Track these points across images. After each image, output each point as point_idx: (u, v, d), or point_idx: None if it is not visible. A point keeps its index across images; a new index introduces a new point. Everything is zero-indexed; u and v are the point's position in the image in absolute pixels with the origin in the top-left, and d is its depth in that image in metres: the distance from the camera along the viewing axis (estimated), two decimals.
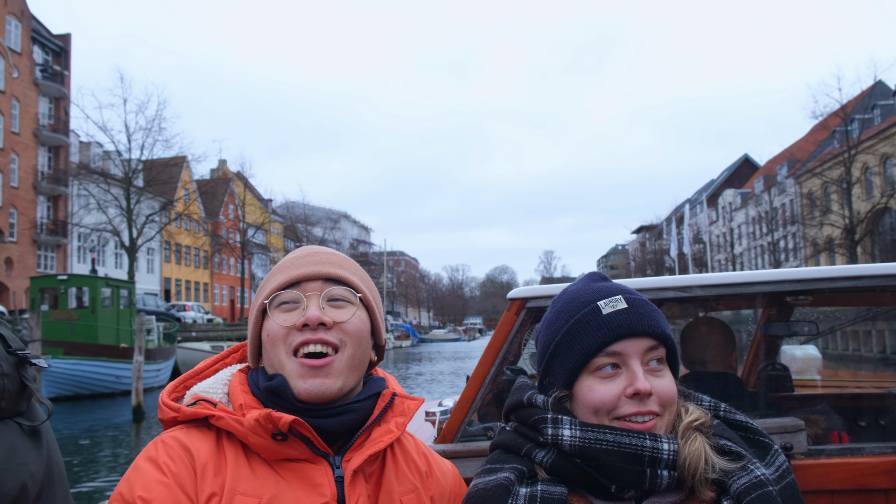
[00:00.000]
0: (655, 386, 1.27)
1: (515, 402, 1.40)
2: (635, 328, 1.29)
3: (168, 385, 1.43)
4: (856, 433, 3.15)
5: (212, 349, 31.56)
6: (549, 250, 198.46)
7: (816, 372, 4.85)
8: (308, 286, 1.36)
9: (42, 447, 1.50)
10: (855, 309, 4.08)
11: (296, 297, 1.35)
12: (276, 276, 1.39)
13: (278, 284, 1.37)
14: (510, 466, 1.31)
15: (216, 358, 1.50)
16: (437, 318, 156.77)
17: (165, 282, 63.64)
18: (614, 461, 1.23)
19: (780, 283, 2.83)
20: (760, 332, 3.90)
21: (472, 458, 2.64)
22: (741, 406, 2.99)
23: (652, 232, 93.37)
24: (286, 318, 1.34)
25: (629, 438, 1.23)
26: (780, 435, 2.50)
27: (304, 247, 1.47)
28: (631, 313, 1.30)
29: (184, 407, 1.33)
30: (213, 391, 1.38)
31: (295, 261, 1.41)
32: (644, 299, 1.35)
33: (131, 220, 38.96)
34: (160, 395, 1.39)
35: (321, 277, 1.37)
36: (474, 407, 2.89)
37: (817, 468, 2.48)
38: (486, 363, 2.90)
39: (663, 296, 2.83)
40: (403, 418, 1.39)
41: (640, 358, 1.28)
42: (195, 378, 1.45)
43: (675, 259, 34.95)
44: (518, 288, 2.98)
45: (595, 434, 1.25)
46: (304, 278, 1.37)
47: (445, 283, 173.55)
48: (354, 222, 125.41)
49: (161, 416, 1.36)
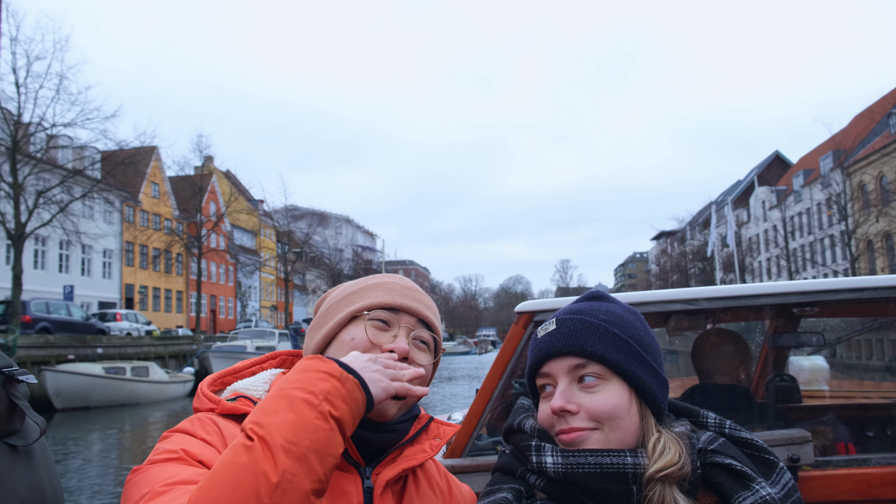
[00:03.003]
0: (583, 402, 1.29)
1: (508, 427, 1.44)
2: (554, 349, 1.33)
3: (207, 377, 1.44)
4: (863, 444, 3.15)
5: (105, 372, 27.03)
6: (566, 259, 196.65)
7: (824, 382, 4.84)
8: (404, 318, 1.42)
9: (35, 468, 1.46)
10: (861, 319, 4.08)
11: (391, 320, 1.41)
12: (377, 293, 1.43)
13: (379, 303, 1.41)
14: (508, 486, 1.33)
15: (255, 360, 1.50)
16: (449, 330, 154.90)
17: (127, 289, 54.79)
18: (599, 482, 1.24)
19: (786, 294, 2.85)
20: (768, 343, 3.92)
21: (481, 473, 2.66)
22: (749, 417, 3.03)
23: (674, 237, 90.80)
24: (377, 335, 1.38)
25: (610, 458, 1.24)
26: (787, 446, 2.51)
27: (401, 276, 1.51)
28: (555, 334, 1.35)
29: (223, 400, 1.32)
30: (255, 389, 1.38)
31: (397, 288, 1.45)
32: (580, 318, 1.36)
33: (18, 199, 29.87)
34: (200, 385, 1.39)
35: (417, 316, 1.43)
36: (483, 421, 2.91)
37: (824, 479, 2.49)
38: (494, 377, 2.93)
39: (670, 308, 2.85)
40: (439, 441, 1.43)
41: (567, 376, 1.32)
42: (234, 375, 1.45)
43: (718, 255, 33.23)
44: (525, 301, 3.01)
45: (576, 458, 1.26)
46: (403, 309, 1.42)
47: (458, 294, 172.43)
48: (358, 228, 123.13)
49: (198, 404, 1.36)
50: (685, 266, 75.37)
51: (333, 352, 1.39)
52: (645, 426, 1.31)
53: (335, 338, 1.40)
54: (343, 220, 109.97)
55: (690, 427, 1.35)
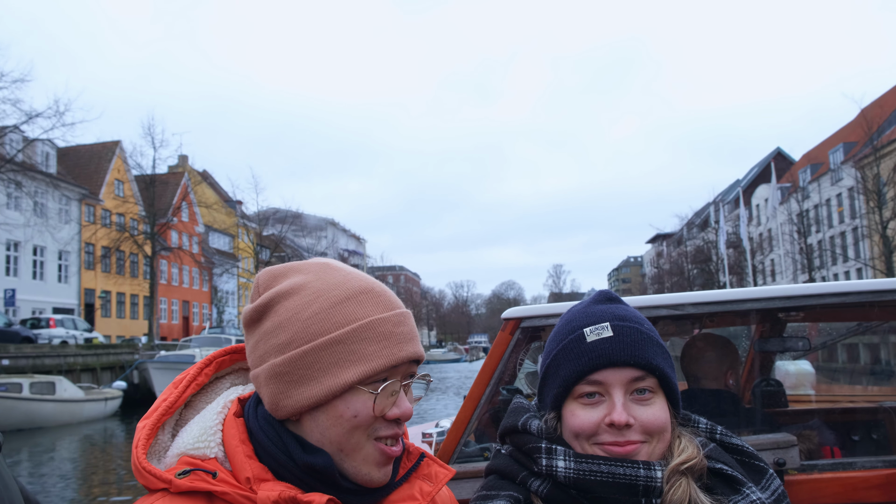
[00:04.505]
0: (639, 416, 1.27)
1: (511, 426, 1.40)
2: (616, 358, 1.28)
3: (138, 432, 1.17)
4: (848, 448, 3.17)
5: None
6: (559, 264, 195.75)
7: (810, 387, 4.87)
8: (401, 368, 1.19)
9: None
10: (846, 324, 4.11)
11: (390, 376, 1.18)
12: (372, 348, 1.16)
13: (382, 367, 1.15)
14: (506, 494, 1.31)
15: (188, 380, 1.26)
16: (439, 337, 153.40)
17: (87, 294, 48.68)
18: (609, 492, 1.23)
19: (771, 299, 2.87)
20: (754, 348, 3.94)
21: (469, 480, 2.66)
22: (736, 422, 3.04)
23: (671, 239, 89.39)
24: (380, 405, 1.16)
25: (623, 469, 1.24)
26: (773, 451, 2.52)
27: (383, 294, 1.23)
28: (614, 342, 1.29)
29: (175, 479, 1.09)
30: (205, 446, 1.15)
31: (391, 332, 1.18)
32: (635, 327, 1.32)
33: None
34: (134, 452, 1.14)
35: (411, 359, 1.21)
36: (470, 427, 2.91)
37: (810, 483, 2.50)
38: (481, 383, 2.93)
39: (657, 314, 2.86)
40: (430, 487, 1.26)
41: (624, 388, 1.28)
42: (168, 414, 1.21)
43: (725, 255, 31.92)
44: (512, 308, 3.02)
45: (589, 465, 1.25)
46: (403, 362, 1.19)
47: (450, 301, 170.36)
48: (344, 231, 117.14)
49: (142, 482, 1.13)
50: (683, 268, 73.75)
51: (328, 424, 1.15)
52: (673, 434, 1.33)
53: (327, 404, 1.15)
54: (327, 222, 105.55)
55: None
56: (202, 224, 63.89)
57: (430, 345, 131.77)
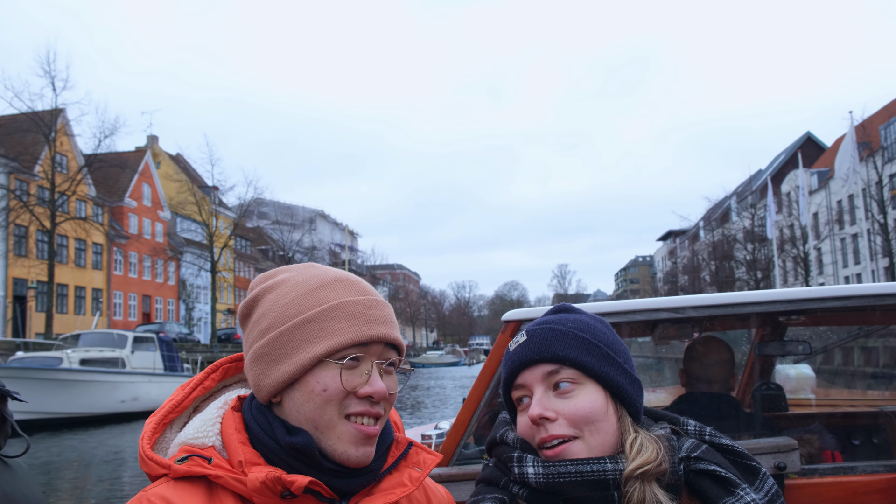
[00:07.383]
0: (561, 408, 1.29)
1: (492, 439, 1.44)
2: (527, 358, 1.33)
3: (146, 427, 1.26)
4: (849, 452, 3.16)
5: None
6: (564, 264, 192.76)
7: (810, 391, 4.87)
8: (373, 348, 1.23)
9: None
10: (847, 328, 4.11)
11: (361, 355, 1.22)
12: (341, 324, 1.22)
13: (349, 341, 1.21)
14: (492, 496, 1.34)
15: (195, 383, 1.35)
16: (439, 338, 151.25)
17: (15, 285, 41.23)
18: (580, 490, 1.24)
19: (772, 303, 2.87)
20: (754, 351, 3.93)
21: (468, 482, 2.65)
22: (736, 426, 3.03)
23: (685, 235, 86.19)
24: (350, 380, 1.20)
25: (590, 466, 1.25)
26: (774, 455, 2.52)
27: (353, 281, 1.30)
28: (526, 344, 1.35)
29: (174, 465, 1.18)
30: (204, 435, 1.23)
31: (361, 312, 1.24)
32: (549, 326, 1.36)
33: None
34: (140, 443, 1.24)
35: (385, 342, 1.25)
36: (470, 430, 2.90)
37: (811, 487, 2.50)
38: (481, 385, 2.92)
39: (657, 317, 2.86)
40: (419, 473, 1.30)
41: (542, 384, 1.32)
42: (175, 412, 1.31)
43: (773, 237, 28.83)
44: (513, 310, 3.02)
45: (557, 468, 1.26)
46: (373, 340, 1.23)
47: (451, 301, 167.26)
48: (335, 224, 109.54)
49: (146, 470, 1.22)
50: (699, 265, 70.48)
51: (302, 401, 1.21)
52: (622, 427, 1.32)
53: (300, 381, 1.21)
54: (317, 214, 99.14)
55: (670, 430, 1.36)
56: (168, 210, 57.75)
57: (429, 347, 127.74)
